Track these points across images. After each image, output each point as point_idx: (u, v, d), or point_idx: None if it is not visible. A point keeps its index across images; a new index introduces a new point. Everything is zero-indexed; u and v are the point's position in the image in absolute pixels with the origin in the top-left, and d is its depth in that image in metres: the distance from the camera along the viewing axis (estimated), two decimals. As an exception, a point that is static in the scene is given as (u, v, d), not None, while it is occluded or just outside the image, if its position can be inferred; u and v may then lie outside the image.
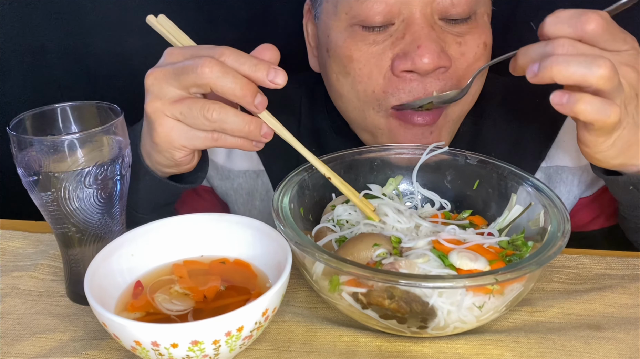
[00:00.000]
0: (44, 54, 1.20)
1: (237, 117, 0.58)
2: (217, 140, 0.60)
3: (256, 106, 0.58)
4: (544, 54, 0.55)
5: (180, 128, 0.60)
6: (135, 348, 0.48)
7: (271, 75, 0.57)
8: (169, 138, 0.61)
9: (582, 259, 0.70)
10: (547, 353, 0.56)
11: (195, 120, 0.59)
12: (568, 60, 0.53)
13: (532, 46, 0.57)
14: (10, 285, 0.66)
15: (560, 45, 0.55)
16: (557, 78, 0.54)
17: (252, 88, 0.58)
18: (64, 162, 0.57)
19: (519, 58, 0.59)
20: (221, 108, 0.58)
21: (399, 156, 0.72)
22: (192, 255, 0.63)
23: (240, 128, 0.59)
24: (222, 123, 0.58)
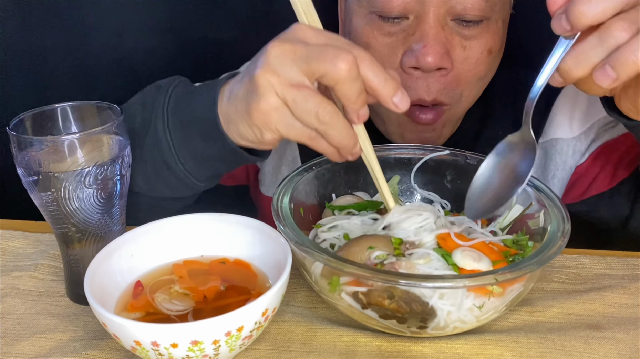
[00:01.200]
0: (44, 54, 1.20)
1: (344, 129, 0.55)
2: (312, 139, 0.56)
3: (359, 116, 0.56)
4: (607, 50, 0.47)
5: (284, 112, 0.55)
6: (135, 348, 0.48)
7: (397, 97, 0.54)
8: (268, 117, 0.56)
9: (582, 259, 0.70)
10: (547, 353, 0.56)
11: (304, 114, 0.54)
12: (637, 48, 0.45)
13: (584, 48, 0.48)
14: (10, 285, 0.66)
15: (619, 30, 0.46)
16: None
17: (364, 98, 0.55)
18: (64, 162, 0.57)
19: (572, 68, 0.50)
20: (335, 113, 0.54)
21: (399, 156, 0.72)
22: (192, 255, 0.63)
23: (340, 140, 0.55)
24: (328, 128, 0.54)
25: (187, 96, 0.68)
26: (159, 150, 0.68)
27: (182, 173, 0.68)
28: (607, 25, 0.47)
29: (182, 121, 0.67)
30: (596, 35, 0.47)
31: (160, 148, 0.68)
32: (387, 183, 0.62)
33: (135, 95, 0.75)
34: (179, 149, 0.67)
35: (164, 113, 0.68)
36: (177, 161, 0.67)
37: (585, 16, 0.46)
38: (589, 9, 0.46)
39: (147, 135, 0.69)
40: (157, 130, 0.68)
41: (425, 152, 0.71)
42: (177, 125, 0.67)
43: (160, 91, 0.70)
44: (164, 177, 0.69)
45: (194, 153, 0.67)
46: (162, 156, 0.68)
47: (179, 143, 0.67)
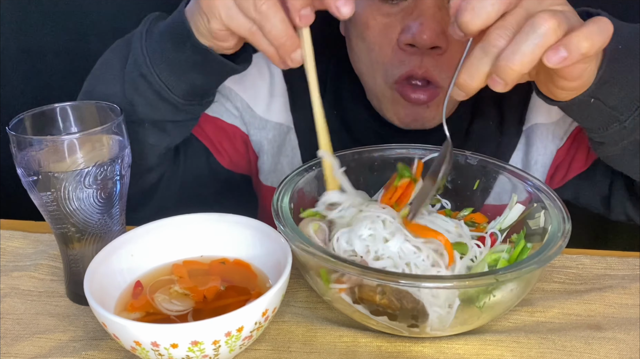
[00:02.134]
0: (44, 54, 1.20)
1: (281, 23, 0.56)
2: (253, 34, 0.58)
3: (300, 17, 0.56)
4: (490, 58, 0.50)
5: (227, 2, 0.58)
6: (135, 348, 0.48)
7: (341, 1, 0.55)
8: (212, 2, 0.58)
9: (582, 259, 0.70)
10: (547, 353, 0.56)
11: (243, 1, 0.56)
12: (515, 50, 0.48)
13: (472, 61, 0.51)
14: (9, 285, 0.66)
15: (497, 39, 0.50)
16: (523, 69, 0.49)
17: (309, 2, 0.55)
18: (63, 162, 0.57)
19: (467, 81, 0.53)
20: (273, 5, 0.55)
21: (399, 156, 0.72)
22: (192, 255, 0.62)
23: (278, 36, 0.56)
24: (265, 19, 0.56)
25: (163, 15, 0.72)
26: (136, 65, 0.69)
27: (158, 84, 0.69)
28: (487, 35, 0.50)
29: (158, 34, 0.69)
30: (480, 47, 0.51)
31: (138, 62, 0.69)
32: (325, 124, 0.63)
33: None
34: (153, 59, 0.68)
35: (142, 35, 0.70)
36: (152, 71, 0.68)
37: (471, 24, 0.50)
38: (472, 18, 0.49)
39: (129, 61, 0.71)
40: (135, 50, 0.70)
41: (425, 152, 0.71)
42: (153, 38, 0.69)
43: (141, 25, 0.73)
44: (142, 92, 0.70)
45: (167, 62, 0.68)
46: (138, 69, 0.69)
47: (153, 54, 0.68)
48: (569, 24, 0.50)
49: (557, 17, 0.48)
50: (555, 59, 0.48)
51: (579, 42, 0.48)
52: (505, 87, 0.51)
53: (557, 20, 0.48)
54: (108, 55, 0.76)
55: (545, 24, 0.48)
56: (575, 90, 0.58)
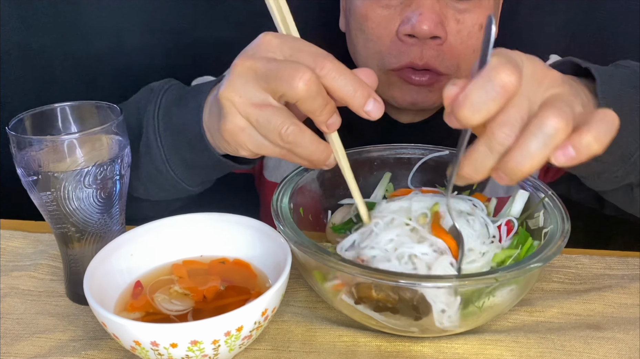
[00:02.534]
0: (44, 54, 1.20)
1: (310, 145, 0.54)
2: (284, 155, 0.56)
3: (328, 126, 0.55)
4: (496, 156, 0.48)
5: (250, 133, 0.55)
6: (135, 348, 0.48)
7: (369, 106, 0.53)
8: (237, 137, 0.56)
9: (582, 259, 0.70)
10: (546, 353, 0.56)
11: (268, 133, 0.54)
12: (524, 153, 0.46)
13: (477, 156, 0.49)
14: (9, 285, 0.66)
15: (503, 138, 0.47)
16: (532, 171, 0.48)
17: (331, 109, 0.53)
18: (63, 162, 0.57)
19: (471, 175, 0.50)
20: (299, 131, 0.53)
21: (399, 156, 0.72)
22: (192, 254, 0.63)
23: (309, 155, 0.55)
24: (294, 146, 0.54)
25: (177, 102, 0.69)
26: (150, 157, 0.69)
27: (174, 180, 0.70)
28: (492, 132, 0.47)
29: (172, 129, 0.68)
30: (484, 143, 0.48)
31: (152, 154, 0.69)
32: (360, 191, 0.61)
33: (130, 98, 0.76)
34: (169, 156, 0.69)
35: (155, 119, 0.69)
36: (168, 168, 0.69)
37: (471, 120, 0.47)
38: (472, 114, 0.46)
39: (140, 141, 0.70)
40: (148, 136, 0.69)
41: (426, 151, 0.71)
42: (167, 132, 0.68)
43: (152, 96, 0.71)
44: (157, 182, 0.71)
45: (183, 161, 0.69)
46: (153, 162, 0.69)
47: (169, 150, 0.68)
48: (574, 116, 0.47)
49: (564, 115, 0.46)
50: (563, 160, 0.47)
51: (589, 144, 0.46)
52: (510, 183, 0.49)
53: (564, 119, 0.46)
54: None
55: (554, 123, 0.45)
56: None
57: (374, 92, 0.53)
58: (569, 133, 0.46)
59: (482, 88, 0.46)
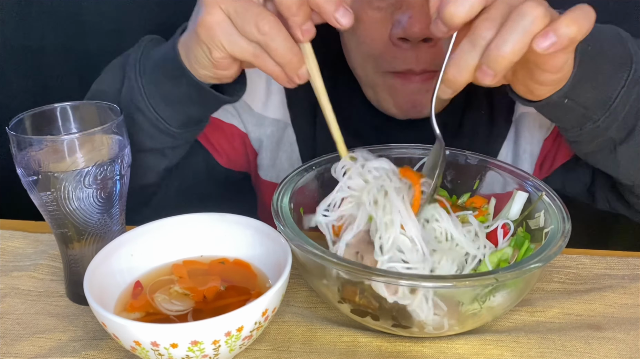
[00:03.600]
0: (44, 54, 1.20)
1: (285, 41, 0.55)
2: (257, 57, 0.57)
3: (303, 32, 0.56)
4: (478, 50, 0.50)
5: (227, 26, 0.56)
6: (135, 348, 0.48)
7: (339, 13, 0.55)
8: (212, 31, 0.57)
9: (582, 259, 0.70)
10: (547, 353, 0.56)
11: (245, 24, 0.55)
12: (505, 38, 0.49)
13: (460, 54, 0.51)
14: (9, 285, 0.66)
15: (485, 30, 0.50)
16: (514, 58, 0.50)
17: (306, 11, 0.55)
18: (63, 162, 0.57)
19: (455, 76, 0.52)
20: (276, 24, 0.55)
21: (399, 156, 0.72)
22: (192, 255, 0.62)
23: (283, 54, 0.56)
24: (269, 39, 0.55)
25: (156, 43, 0.72)
26: (132, 97, 0.70)
27: (154, 117, 0.70)
28: (474, 27, 0.50)
29: (151, 66, 0.69)
30: (467, 40, 0.51)
31: (133, 95, 0.69)
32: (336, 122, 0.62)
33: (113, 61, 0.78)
34: (149, 92, 0.69)
35: (136, 64, 0.70)
36: (148, 104, 0.69)
37: (456, 16, 0.50)
38: (457, 9, 0.49)
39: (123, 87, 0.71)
40: (130, 79, 0.70)
41: (426, 151, 0.71)
42: (147, 71, 0.69)
43: (134, 47, 0.73)
44: (139, 124, 0.71)
45: (163, 95, 0.68)
46: (134, 101, 0.70)
47: (148, 87, 0.69)
48: (551, 13, 0.50)
49: (543, 5, 0.49)
50: (545, 44, 0.49)
51: (567, 26, 0.49)
52: (494, 78, 0.51)
53: (543, 7, 0.49)
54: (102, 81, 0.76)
55: (532, 12, 0.49)
56: (555, 84, 0.58)
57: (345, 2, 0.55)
58: (546, 23, 0.49)
59: None
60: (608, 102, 0.62)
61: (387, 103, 0.82)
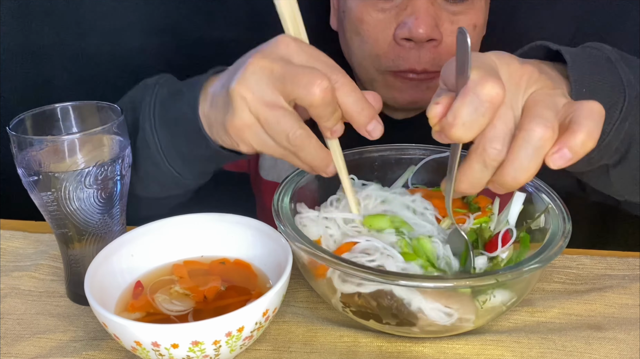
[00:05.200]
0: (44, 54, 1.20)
1: (315, 151, 0.55)
2: (285, 156, 0.57)
3: (332, 132, 0.56)
4: (491, 170, 0.49)
5: (257, 130, 0.56)
6: (136, 349, 0.48)
7: (371, 126, 0.55)
8: (241, 132, 0.56)
9: (583, 259, 0.70)
10: (547, 353, 0.56)
11: (275, 134, 0.55)
12: (517, 167, 0.47)
13: (473, 173, 0.50)
14: (10, 285, 0.66)
15: (496, 152, 0.48)
16: (528, 180, 0.49)
17: (337, 117, 0.55)
18: (64, 162, 0.57)
19: (468, 190, 0.52)
20: (306, 137, 0.54)
21: (399, 156, 0.72)
22: (192, 255, 0.62)
23: (312, 160, 0.56)
24: (299, 150, 0.55)
25: (172, 96, 0.69)
26: (148, 152, 0.69)
27: (171, 174, 0.70)
28: (483, 149, 0.48)
29: (168, 122, 0.68)
30: (479, 159, 0.49)
31: (149, 149, 0.69)
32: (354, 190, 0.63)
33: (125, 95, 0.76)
34: (166, 150, 0.68)
35: (151, 115, 0.69)
36: (165, 161, 0.69)
37: (464, 138, 0.48)
38: (465, 133, 0.47)
39: (137, 136, 0.70)
40: (145, 131, 0.69)
41: (426, 151, 0.71)
42: (163, 126, 0.68)
43: (146, 91, 0.71)
44: (154, 177, 0.71)
45: (180, 154, 0.68)
46: (151, 158, 0.69)
47: (165, 144, 0.68)
48: (557, 115, 0.48)
49: (548, 123, 0.47)
50: (561, 162, 0.47)
51: (584, 143, 0.47)
52: (506, 191, 0.51)
53: (549, 127, 0.47)
54: None
55: (538, 136, 0.46)
56: None
57: (377, 115, 0.56)
58: (555, 138, 0.47)
59: (470, 105, 0.46)
60: (602, 136, 0.60)
61: (386, 97, 0.82)
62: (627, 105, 0.60)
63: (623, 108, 0.60)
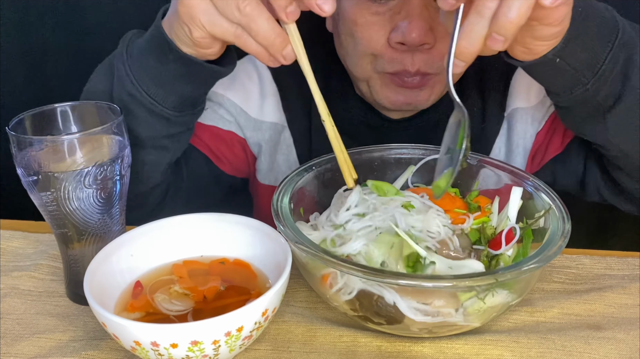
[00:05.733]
0: (44, 54, 1.20)
1: (267, 22, 0.55)
2: (238, 37, 0.57)
3: (287, 14, 0.56)
4: (486, 19, 0.52)
5: (207, 6, 0.56)
6: (135, 348, 0.48)
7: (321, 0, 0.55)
8: (192, 11, 0.57)
9: (582, 259, 0.70)
10: (547, 353, 0.56)
11: (225, 5, 0.55)
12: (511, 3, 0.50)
13: (469, 27, 0.53)
14: (10, 285, 0.66)
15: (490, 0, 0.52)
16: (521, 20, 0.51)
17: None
18: (63, 162, 0.57)
19: (467, 47, 0.54)
20: (257, 5, 0.54)
21: (399, 156, 0.72)
22: (192, 255, 0.62)
23: (266, 36, 0.56)
24: (251, 21, 0.55)
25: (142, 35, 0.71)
26: (122, 86, 0.69)
27: (147, 101, 0.68)
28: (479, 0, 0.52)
29: (138, 51, 0.68)
30: (474, 12, 0.52)
31: (124, 84, 0.69)
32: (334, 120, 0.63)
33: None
34: (138, 76, 0.68)
35: (124, 53, 0.70)
36: (139, 88, 0.68)
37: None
38: None
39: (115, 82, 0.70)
40: (119, 70, 0.69)
41: (426, 151, 0.71)
42: (134, 56, 0.69)
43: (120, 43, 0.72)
44: (133, 112, 0.69)
45: (152, 76, 0.68)
46: (127, 89, 0.69)
47: (137, 71, 0.68)
48: None
49: None
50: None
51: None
52: (505, 43, 0.53)
53: None
54: (93, 81, 0.75)
55: None
56: (553, 38, 0.59)
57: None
58: None
59: None
60: (597, 64, 0.64)
61: (380, 96, 0.82)
62: (620, 38, 0.63)
63: (617, 39, 0.63)
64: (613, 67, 0.64)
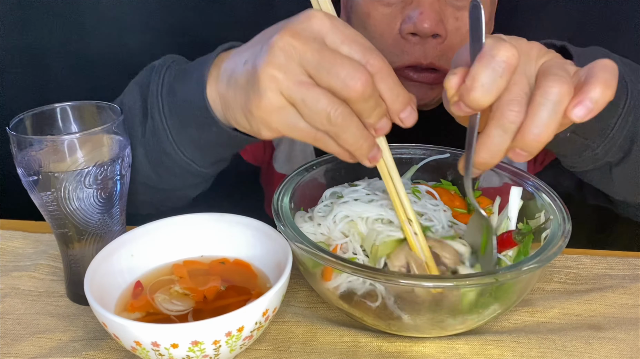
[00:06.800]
0: (44, 54, 1.20)
1: (358, 131, 0.50)
2: (317, 140, 0.52)
3: (376, 130, 0.52)
4: (510, 135, 0.48)
5: (288, 113, 0.50)
6: (136, 348, 0.48)
7: (405, 113, 0.51)
8: (269, 116, 0.51)
9: (583, 259, 0.70)
10: (547, 353, 0.56)
11: (314, 115, 0.49)
12: (539, 123, 0.47)
13: (492, 140, 0.49)
14: (10, 285, 0.66)
15: (514, 115, 0.48)
16: (549, 139, 0.48)
17: (380, 112, 0.51)
18: (63, 162, 0.57)
19: (487, 160, 0.50)
20: (349, 114, 0.49)
21: (399, 156, 0.72)
22: (192, 255, 0.62)
23: (354, 142, 0.51)
24: (341, 130, 0.50)
25: (180, 78, 0.66)
26: (157, 139, 0.66)
27: (184, 161, 0.66)
28: (501, 112, 0.48)
29: (176, 107, 0.64)
30: (497, 125, 0.48)
31: (159, 136, 0.66)
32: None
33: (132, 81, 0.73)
34: (176, 137, 0.65)
35: (158, 99, 0.66)
36: (177, 149, 0.65)
37: (483, 101, 0.47)
38: (484, 96, 0.47)
39: (146, 124, 0.67)
40: (153, 117, 0.66)
41: (427, 151, 0.71)
42: (172, 111, 0.65)
43: (154, 74, 0.68)
44: (167, 166, 0.67)
45: (191, 140, 0.65)
46: (161, 144, 0.66)
47: (175, 130, 0.65)
48: (570, 76, 0.49)
49: (563, 80, 0.47)
50: (582, 114, 0.47)
51: (603, 92, 0.47)
52: (529, 157, 0.49)
53: (565, 83, 0.47)
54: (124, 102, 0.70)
55: (556, 91, 0.47)
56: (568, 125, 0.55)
57: (412, 101, 0.53)
58: (572, 93, 0.47)
59: (487, 66, 0.46)
60: (607, 130, 0.63)
61: None
62: (629, 101, 0.62)
63: (626, 103, 0.62)
64: (622, 130, 0.63)
